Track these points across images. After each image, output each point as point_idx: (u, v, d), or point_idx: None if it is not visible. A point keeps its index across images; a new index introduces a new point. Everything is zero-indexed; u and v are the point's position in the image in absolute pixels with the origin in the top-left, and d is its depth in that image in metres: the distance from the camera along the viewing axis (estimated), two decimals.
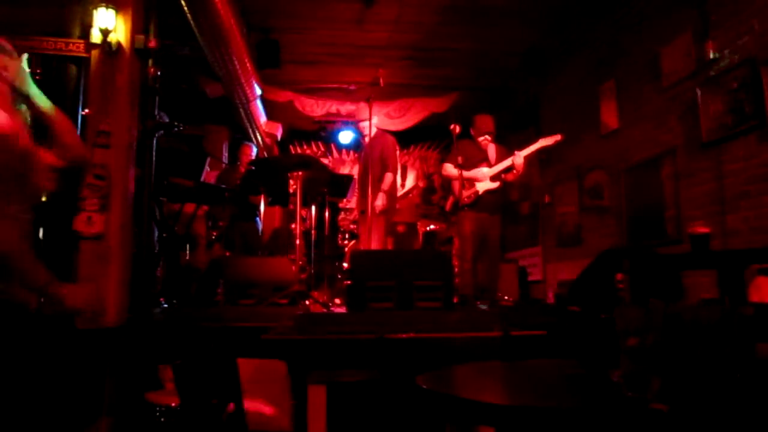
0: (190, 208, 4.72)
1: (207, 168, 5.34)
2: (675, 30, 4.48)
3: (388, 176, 4.77)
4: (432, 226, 5.63)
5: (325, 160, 8.48)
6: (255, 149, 6.20)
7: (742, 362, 1.16)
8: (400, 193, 4.96)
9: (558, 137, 4.55)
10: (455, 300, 3.67)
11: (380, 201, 4.70)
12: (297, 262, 3.92)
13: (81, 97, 3.31)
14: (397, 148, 5.12)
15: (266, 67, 6.04)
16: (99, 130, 3.15)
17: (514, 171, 4.52)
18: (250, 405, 1.94)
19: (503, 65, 6.92)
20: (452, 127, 4.55)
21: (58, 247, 3.03)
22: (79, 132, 3.23)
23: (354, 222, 5.65)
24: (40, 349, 1.37)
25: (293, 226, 4.21)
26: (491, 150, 4.67)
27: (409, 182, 8.45)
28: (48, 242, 3.02)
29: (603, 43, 5.62)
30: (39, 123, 1.66)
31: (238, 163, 5.84)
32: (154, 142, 3.61)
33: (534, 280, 6.66)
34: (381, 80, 4.89)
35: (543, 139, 4.57)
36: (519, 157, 4.47)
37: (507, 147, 4.74)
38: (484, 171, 4.57)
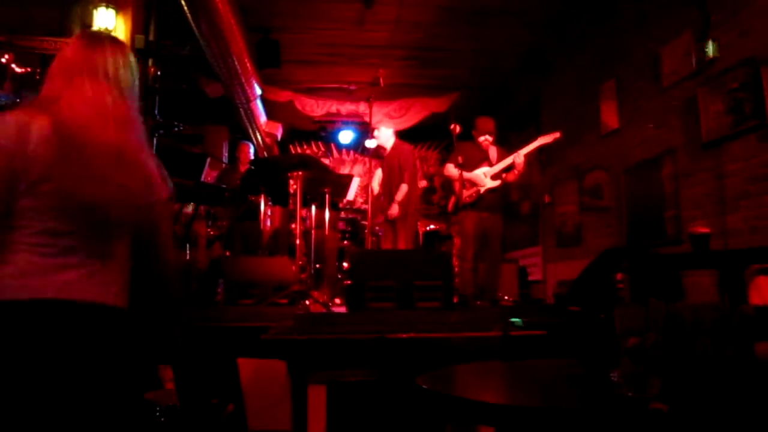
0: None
1: (206, 167, 5.33)
2: (675, 30, 4.48)
3: (403, 187, 4.96)
4: (432, 226, 5.63)
5: (325, 160, 8.48)
6: (253, 148, 6.20)
7: (741, 362, 1.16)
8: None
9: (557, 135, 4.59)
10: (455, 300, 3.67)
11: (394, 210, 4.92)
12: (297, 262, 3.92)
13: None
14: (415, 156, 5.40)
15: (266, 67, 6.04)
16: None
17: (515, 170, 4.55)
18: (250, 405, 1.94)
19: (503, 65, 6.92)
20: (452, 127, 4.56)
21: None
22: None
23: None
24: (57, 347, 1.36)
25: (293, 226, 4.21)
26: (492, 151, 4.70)
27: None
28: None
29: (603, 43, 5.63)
30: None
31: (238, 162, 5.84)
32: (154, 142, 3.61)
33: (534, 280, 6.66)
34: (381, 80, 4.91)
35: (542, 137, 4.62)
36: (519, 156, 4.50)
37: (508, 149, 4.77)
38: (485, 171, 4.59)
